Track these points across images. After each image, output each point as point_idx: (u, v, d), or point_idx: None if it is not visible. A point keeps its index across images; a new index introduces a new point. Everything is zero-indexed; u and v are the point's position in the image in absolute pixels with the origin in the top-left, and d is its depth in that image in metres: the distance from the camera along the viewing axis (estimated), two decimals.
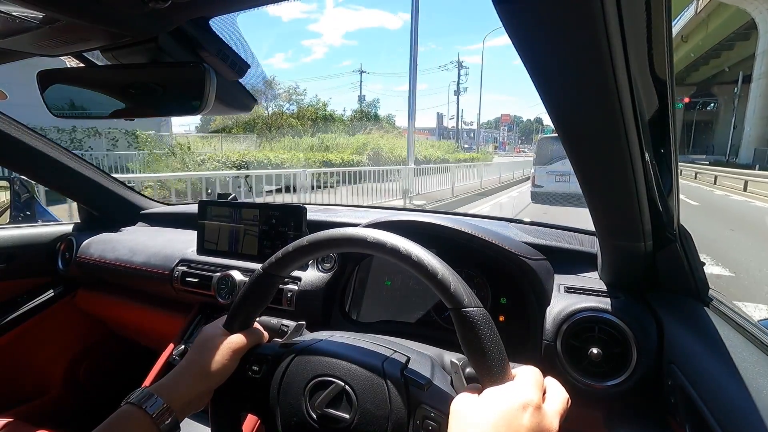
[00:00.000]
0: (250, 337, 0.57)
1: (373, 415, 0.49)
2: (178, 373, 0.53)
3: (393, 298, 1.00)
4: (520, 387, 0.41)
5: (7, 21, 0.48)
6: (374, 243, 0.49)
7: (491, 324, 0.44)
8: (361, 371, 0.51)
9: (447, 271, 0.46)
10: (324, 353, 0.54)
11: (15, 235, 1.40)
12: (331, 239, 0.52)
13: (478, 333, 0.43)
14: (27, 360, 1.42)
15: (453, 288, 0.45)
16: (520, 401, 0.39)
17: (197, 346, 0.56)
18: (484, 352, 0.42)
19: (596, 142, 0.49)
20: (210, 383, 0.54)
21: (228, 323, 0.57)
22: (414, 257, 0.47)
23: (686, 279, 0.72)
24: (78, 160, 1.37)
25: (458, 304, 0.44)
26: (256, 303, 0.58)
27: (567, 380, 0.72)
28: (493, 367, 0.42)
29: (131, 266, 1.26)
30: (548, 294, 0.81)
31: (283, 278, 0.57)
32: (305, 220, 1.08)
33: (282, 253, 0.55)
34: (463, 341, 0.44)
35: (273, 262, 0.55)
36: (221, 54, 0.57)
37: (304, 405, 0.51)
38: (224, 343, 0.55)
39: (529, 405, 0.39)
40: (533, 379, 0.42)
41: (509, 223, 1.13)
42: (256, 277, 0.56)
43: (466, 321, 0.44)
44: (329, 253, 0.56)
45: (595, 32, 0.33)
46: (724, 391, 0.50)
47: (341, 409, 0.50)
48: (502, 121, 77.08)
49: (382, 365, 0.51)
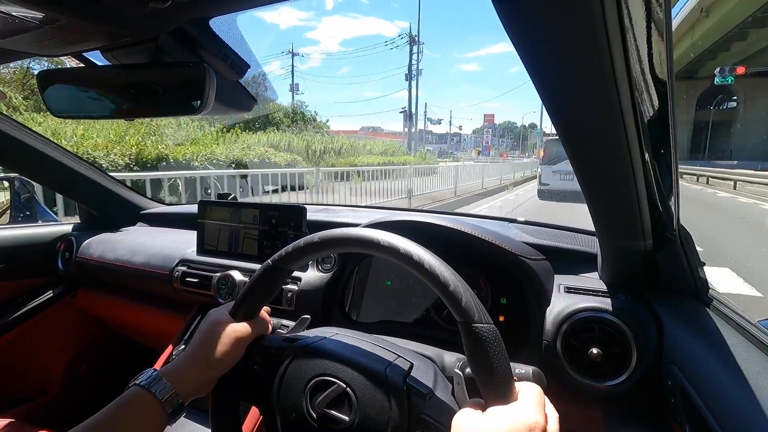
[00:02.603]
0: (255, 327, 0.57)
1: (372, 420, 0.49)
2: (185, 359, 0.53)
3: (393, 298, 1.00)
4: (525, 409, 0.40)
5: (7, 21, 0.48)
6: (387, 247, 0.49)
7: (500, 342, 0.43)
8: (363, 375, 0.51)
9: (459, 283, 0.46)
10: (326, 353, 0.54)
11: (15, 235, 1.40)
12: (343, 238, 0.52)
13: (487, 351, 0.42)
14: (27, 360, 1.42)
15: (464, 302, 0.45)
16: (526, 424, 0.38)
17: (204, 331, 0.55)
18: (491, 371, 0.42)
19: (596, 142, 0.49)
20: (216, 371, 0.54)
21: (234, 311, 0.58)
22: (426, 266, 0.47)
23: (686, 279, 0.72)
24: (78, 160, 1.37)
25: (469, 320, 0.44)
26: (263, 294, 0.58)
27: (567, 380, 0.72)
28: (498, 386, 0.42)
29: (131, 266, 1.26)
30: (548, 294, 0.81)
31: (290, 272, 0.57)
32: (305, 220, 1.08)
33: (293, 248, 0.55)
34: (471, 357, 0.44)
35: (283, 255, 0.55)
36: (221, 54, 0.57)
37: (304, 403, 0.51)
38: (230, 330, 0.55)
39: (535, 428, 0.38)
40: (538, 400, 0.42)
41: (509, 223, 1.13)
42: (264, 269, 0.56)
43: (476, 338, 0.43)
44: (339, 252, 0.56)
45: (594, 32, 0.33)
46: (724, 391, 0.50)
47: (341, 411, 0.50)
48: (486, 121, 68.03)
49: (385, 371, 0.51)
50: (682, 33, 24.80)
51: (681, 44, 26.49)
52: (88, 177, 1.40)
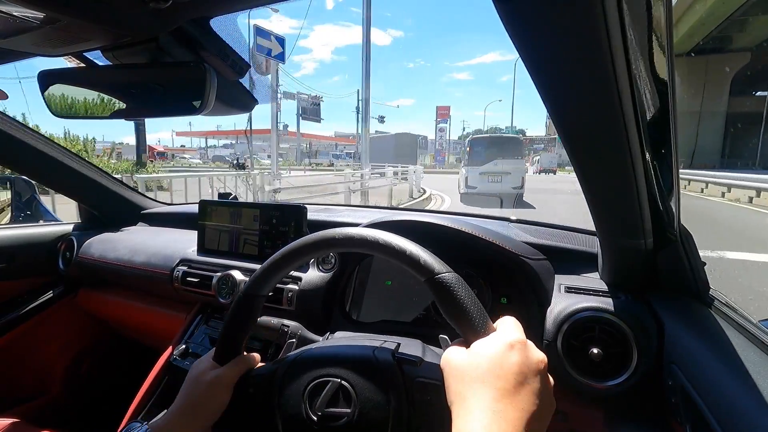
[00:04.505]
0: (241, 365, 0.56)
1: (373, 402, 0.50)
2: (172, 415, 0.53)
3: (393, 298, 1.00)
4: (503, 332, 0.43)
5: (7, 21, 0.48)
6: (343, 239, 0.51)
7: (465, 285, 0.45)
8: (354, 364, 0.52)
9: (414, 246, 0.48)
10: (315, 358, 0.55)
11: (16, 235, 1.40)
12: (302, 247, 0.53)
13: (455, 294, 0.44)
14: (28, 359, 1.43)
15: (423, 260, 0.46)
16: (506, 342, 0.41)
17: (189, 385, 0.55)
18: (464, 311, 0.44)
19: (597, 141, 0.49)
20: (205, 422, 0.53)
21: (217, 355, 0.57)
22: (381, 241, 0.49)
23: (687, 279, 0.72)
24: (79, 160, 1.37)
25: (431, 273, 0.46)
26: (242, 328, 0.57)
27: (567, 380, 0.72)
28: (475, 322, 0.44)
29: (132, 266, 1.26)
30: (549, 294, 0.81)
31: (264, 297, 0.57)
32: (305, 219, 1.08)
33: (260, 272, 0.55)
34: (443, 306, 0.45)
35: (251, 282, 0.55)
36: (222, 54, 0.57)
37: (304, 410, 0.51)
38: (214, 380, 0.54)
39: (515, 344, 0.41)
40: (513, 324, 0.45)
41: (510, 223, 1.13)
42: (237, 302, 0.56)
43: (442, 286, 0.45)
44: (307, 261, 0.57)
45: (595, 30, 0.33)
46: (725, 391, 0.50)
47: (341, 405, 0.50)
48: (438, 116, 48.82)
49: (374, 354, 0.53)
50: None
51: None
52: (88, 177, 1.40)
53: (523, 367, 0.40)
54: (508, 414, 0.36)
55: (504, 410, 0.36)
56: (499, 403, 0.37)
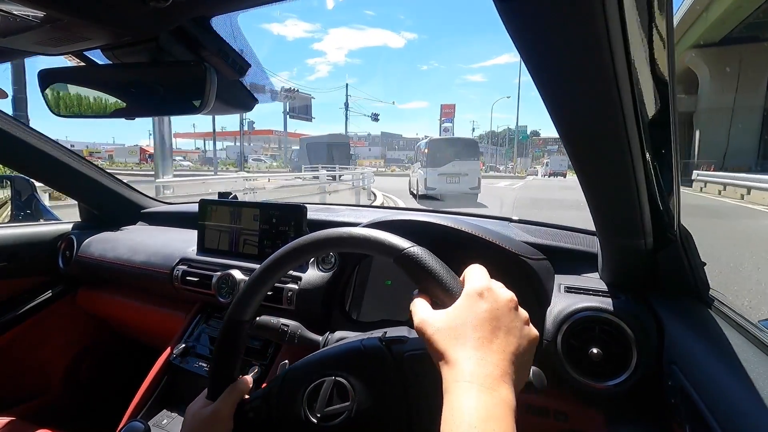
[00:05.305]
0: (234, 394, 0.56)
1: (370, 389, 0.51)
2: None
3: (393, 298, 1.00)
4: (470, 284, 0.44)
5: (7, 20, 0.47)
6: (313, 244, 0.51)
7: (433, 255, 0.47)
8: (344, 360, 0.53)
9: (374, 231, 0.49)
10: (307, 365, 0.56)
11: (16, 234, 1.40)
12: (277, 261, 0.53)
13: (423, 264, 0.46)
14: (28, 359, 1.43)
15: (387, 242, 0.48)
16: (474, 293, 0.43)
17: (187, 429, 0.55)
18: (435, 276, 0.45)
19: (597, 141, 0.49)
20: None
21: (210, 392, 0.56)
22: (345, 235, 0.50)
23: (687, 279, 0.72)
24: (79, 159, 1.37)
25: (398, 251, 0.47)
26: (233, 354, 0.57)
27: (567, 380, 0.72)
28: (448, 285, 0.44)
29: (131, 265, 1.26)
30: (549, 294, 0.81)
31: (249, 322, 0.56)
32: (305, 219, 1.08)
33: (241, 295, 0.55)
34: (415, 278, 0.46)
35: (235, 308, 0.55)
36: (222, 53, 0.57)
37: (305, 416, 0.52)
38: (212, 415, 0.54)
39: (482, 290, 0.43)
40: (478, 271, 0.46)
41: (510, 223, 1.13)
42: (224, 329, 0.55)
43: (410, 259, 0.46)
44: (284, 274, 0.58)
45: (596, 30, 0.33)
46: (725, 391, 0.49)
47: (339, 401, 0.51)
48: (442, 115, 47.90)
49: (361, 344, 0.54)
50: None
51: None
52: (88, 176, 1.40)
53: (494, 312, 0.42)
54: (489, 358, 0.38)
55: (484, 357, 0.38)
56: (479, 351, 0.39)
